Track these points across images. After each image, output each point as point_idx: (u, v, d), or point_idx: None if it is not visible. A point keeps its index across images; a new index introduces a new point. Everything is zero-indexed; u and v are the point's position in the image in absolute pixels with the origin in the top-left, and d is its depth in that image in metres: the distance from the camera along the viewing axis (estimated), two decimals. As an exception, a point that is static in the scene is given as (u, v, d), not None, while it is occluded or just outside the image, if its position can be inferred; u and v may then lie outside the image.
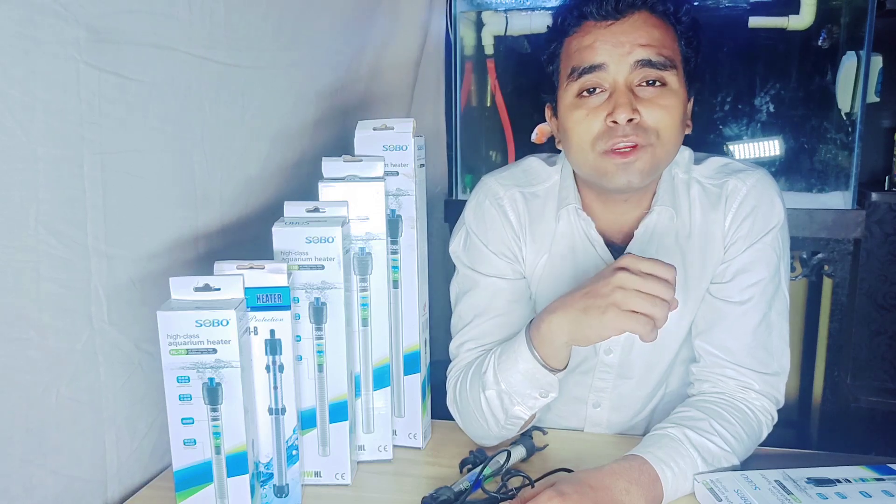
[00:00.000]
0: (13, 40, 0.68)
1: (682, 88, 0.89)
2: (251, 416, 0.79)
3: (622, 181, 0.87)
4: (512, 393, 0.88)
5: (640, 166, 0.86)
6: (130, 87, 0.81)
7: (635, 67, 0.86)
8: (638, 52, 0.85)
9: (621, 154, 0.85)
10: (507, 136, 1.82)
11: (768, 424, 0.92)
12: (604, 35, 0.86)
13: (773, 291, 0.93)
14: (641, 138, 0.85)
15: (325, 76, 1.21)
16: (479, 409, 0.92)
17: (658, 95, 0.86)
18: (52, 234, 0.74)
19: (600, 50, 0.86)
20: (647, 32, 0.86)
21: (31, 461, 0.76)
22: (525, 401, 0.88)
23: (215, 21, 0.92)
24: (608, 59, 0.86)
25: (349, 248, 0.87)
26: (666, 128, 0.86)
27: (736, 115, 1.71)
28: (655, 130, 0.86)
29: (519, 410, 0.89)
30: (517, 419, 0.90)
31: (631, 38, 0.86)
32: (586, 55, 0.87)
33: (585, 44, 0.87)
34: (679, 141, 0.90)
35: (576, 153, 0.90)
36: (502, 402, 0.89)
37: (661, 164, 0.89)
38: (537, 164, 1.03)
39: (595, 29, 0.87)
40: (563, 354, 0.86)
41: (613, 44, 0.86)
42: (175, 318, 0.73)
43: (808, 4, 1.61)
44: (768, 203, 0.93)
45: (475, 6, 1.78)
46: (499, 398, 0.89)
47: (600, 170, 0.88)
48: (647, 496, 0.79)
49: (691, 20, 0.90)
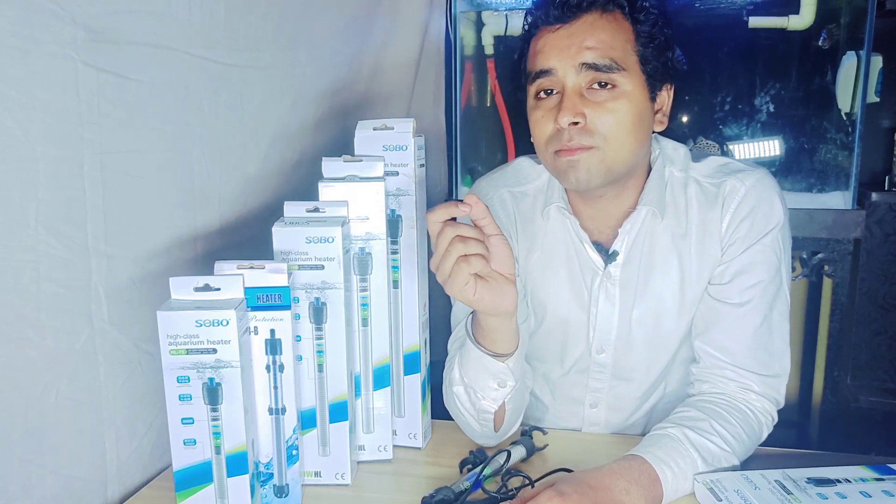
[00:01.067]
0: (11, 40, 0.68)
1: (639, 89, 0.88)
2: (251, 416, 0.79)
3: (572, 179, 0.88)
4: (475, 387, 0.89)
5: (587, 166, 0.87)
6: (129, 87, 0.81)
7: (580, 70, 0.86)
8: (583, 55, 0.86)
9: (567, 152, 0.87)
10: (507, 136, 1.82)
11: (768, 425, 0.92)
12: (552, 39, 0.88)
13: (774, 293, 0.92)
14: (586, 140, 0.86)
15: (325, 76, 1.21)
16: (455, 407, 0.93)
17: (607, 98, 0.87)
18: (51, 233, 0.74)
19: (549, 54, 0.88)
20: (594, 35, 0.86)
21: (31, 461, 0.76)
22: (487, 392, 0.89)
23: (215, 21, 0.92)
24: (556, 64, 0.87)
25: (349, 248, 0.87)
26: (613, 131, 0.86)
27: (736, 115, 1.71)
28: (602, 134, 0.86)
29: (485, 404, 0.90)
30: (486, 413, 0.91)
31: (577, 40, 0.86)
32: (538, 60, 0.89)
33: (538, 48, 0.89)
34: (634, 143, 0.89)
35: (539, 152, 0.93)
36: (469, 397, 0.90)
37: (614, 165, 0.88)
38: (526, 164, 1.04)
39: (546, 33, 0.89)
40: (497, 336, 0.85)
41: (560, 48, 0.87)
42: (175, 318, 0.73)
43: (808, 4, 1.61)
44: (767, 204, 0.92)
45: (475, 6, 1.78)
46: (466, 394, 0.91)
47: (555, 169, 0.91)
48: (647, 496, 0.79)
49: (653, 18, 0.88)
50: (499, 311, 0.81)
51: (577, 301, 0.99)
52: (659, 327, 0.97)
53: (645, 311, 0.97)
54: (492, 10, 1.77)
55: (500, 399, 0.89)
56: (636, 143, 0.89)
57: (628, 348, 0.98)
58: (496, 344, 0.86)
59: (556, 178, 0.94)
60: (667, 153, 0.97)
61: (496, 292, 0.80)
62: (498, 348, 0.86)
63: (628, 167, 0.91)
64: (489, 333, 0.85)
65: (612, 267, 0.96)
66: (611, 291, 0.97)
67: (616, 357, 0.99)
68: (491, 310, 0.81)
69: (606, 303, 0.97)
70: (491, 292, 0.79)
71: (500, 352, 0.86)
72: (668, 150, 0.97)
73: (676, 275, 0.95)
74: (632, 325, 0.97)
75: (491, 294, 0.79)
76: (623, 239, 0.95)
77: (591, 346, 0.99)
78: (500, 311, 0.81)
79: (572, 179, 0.88)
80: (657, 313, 0.96)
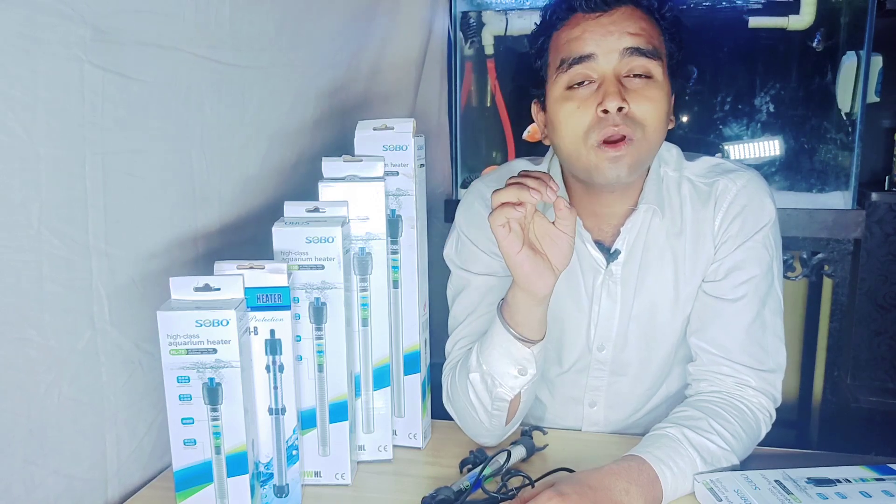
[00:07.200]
0: (16, 40, 0.68)
1: (667, 82, 0.90)
2: (251, 416, 0.79)
3: (612, 175, 0.87)
4: (493, 374, 0.89)
5: (629, 161, 0.86)
6: (133, 88, 0.81)
7: (624, 55, 0.86)
8: (627, 40, 0.86)
9: (613, 146, 0.86)
10: (507, 136, 1.82)
11: (767, 423, 0.92)
12: (592, 26, 0.87)
13: (766, 289, 0.93)
14: (630, 129, 0.86)
15: (325, 76, 1.21)
16: (467, 397, 0.93)
17: (645, 87, 0.87)
18: (53, 234, 0.75)
19: (589, 40, 0.87)
20: (635, 23, 0.87)
21: (32, 461, 0.76)
22: (505, 380, 0.89)
23: (220, 21, 0.92)
24: (597, 50, 0.87)
25: (349, 248, 0.87)
26: (652, 120, 0.87)
27: (736, 115, 1.71)
28: (642, 123, 0.86)
29: (501, 392, 0.90)
30: (501, 402, 0.91)
31: (619, 27, 0.87)
32: (575, 46, 0.88)
33: (574, 35, 0.88)
34: (662, 136, 0.90)
35: (567, 146, 0.90)
36: (486, 385, 0.90)
37: (646, 158, 0.89)
38: (523, 165, 1.05)
39: (584, 21, 0.88)
40: (529, 318, 0.87)
41: (602, 34, 0.87)
42: (175, 318, 0.73)
43: (808, 4, 1.61)
44: (758, 203, 0.93)
45: (475, 6, 1.78)
46: (482, 381, 0.91)
47: (591, 164, 0.88)
48: (647, 496, 0.79)
49: (674, 17, 0.91)
50: (532, 288, 0.84)
51: (574, 300, 1.00)
52: (654, 322, 0.98)
53: (642, 307, 0.97)
54: (492, 10, 1.77)
55: (518, 388, 0.90)
56: (663, 136, 0.91)
57: (625, 343, 0.99)
58: (526, 328, 0.87)
59: (585, 173, 0.90)
60: (661, 153, 0.98)
61: (538, 269, 0.83)
62: (526, 332, 0.87)
63: (651, 161, 0.93)
64: (523, 315, 0.86)
65: (614, 265, 0.97)
66: (612, 289, 0.98)
67: (615, 353, 1.00)
68: (525, 282, 0.84)
69: (608, 300, 0.98)
70: (532, 264, 0.83)
71: (528, 336, 0.87)
72: (662, 150, 0.98)
73: (671, 272, 0.96)
74: (630, 321, 0.98)
75: (531, 265, 0.83)
76: (625, 238, 0.96)
77: (592, 343, 1.00)
78: (534, 289, 0.84)
79: (612, 175, 0.87)
80: (653, 310, 0.97)
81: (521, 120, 1.80)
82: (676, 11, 0.91)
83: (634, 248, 0.97)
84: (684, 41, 0.92)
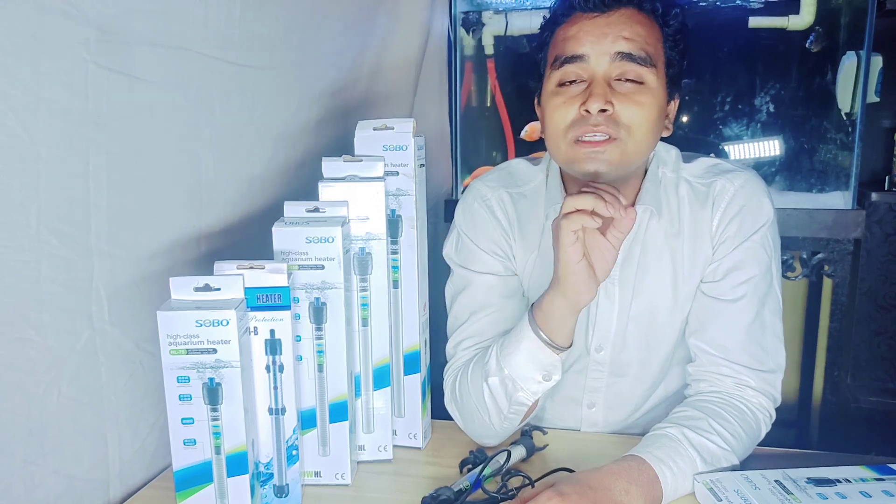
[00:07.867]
0: (19, 41, 0.68)
1: (662, 89, 0.89)
2: (251, 416, 0.79)
3: (591, 168, 0.87)
4: (515, 377, 0.89)
5: (609, 157, 0.86)
6: (140, 88, 0.81)
7: (615, 59, 0.86)
8: (620, 45, 0.86)
9: (591, 145, 0.86)
10: (507, 136, 1.82)
11: (766, 423, 0.92)
12: (588, 27, 0.88)
13: (765, 289, 0.93)
14: (612, 130, 0.86)
15: (328, 76, 1.21)
16: (480, 401, 0.92)
17: (635, 92, 0.87)
18: (52, 233, 0.75)
19: (583, 41, 0.87)
20: (631, 27, 0.87)
21: (33, 461, 0.76)
22: (528, 385, 0.89)
23: (231, 21, 0.92)
24: (589, 51, 0.87)
25: (349, 248, 0.87)
26: (638, 124, 0.87)
27: (736, 115, 1.71)
28: (627, 126, 0.86)
29: (522, 396, 0.90)
30: (520, 406, 0.91)
31: (615, 30, 0.87)
32: (569, 45, 0.88)
33: (571, 34, 0.89)
34: (652, 141, 0.90)
35: (550, 140, 0.91)
36: (506, 389, 0.90)
37: (632, 160, 0.89)
38: (522, 165, 1.05)
39: (582, 20, 0.88)
40: (563, 325, 0.87)
41: (597, 35, 0.87)
42: (175, 318, 0.74)
43: (808, 4, 1.61)
44: (756, 203, 0.93)
45: (475, 6, 1.78)
46: (502, 385, 0.90)
47: (570, 157, 0.89)
48: (647, 496, 0.79)
49: (679, 24, 0.91)
50: (578, 297, 0.84)
51: None
52: (653, 323, 0.98)
53: (641, 308, 0.97)
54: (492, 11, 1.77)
55: (540, 393, 0.90)
56: (653, 141, 0.90)
57: (624, 344, 0.99)
58: (558, 334, 0.87)
59: (567, 167, 0.91)
60: (660, 154, 0.98)
61: (587, 279, 0.84)
62: (558, 339, 0.87)
63: (639, 164, 0.92)
64: (558, 321, 0.87)
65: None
66: (610, 290, 0.98)
67: (614, 354, 1.00)
68: (573, 291, 0.84)
69: (606, 301, 0.98)
70: (585, 274, 0.83)
71: (559, 343, 0.88)
72: (660, 152, 0.98)
73: (669, 272, 0.96)
74: (628, 322, 0.98)
75: (584, 275, 0.83)
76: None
77: (591, 344, 1.00)
78: (578, 298, 0.85)
79: (591, 168, 0.87)
80: (652, 310, 0.97)
81: (522, 120, 1.80)
82: (682, 18, 0.91)
83: (632, 250, 0.96)
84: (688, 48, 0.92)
